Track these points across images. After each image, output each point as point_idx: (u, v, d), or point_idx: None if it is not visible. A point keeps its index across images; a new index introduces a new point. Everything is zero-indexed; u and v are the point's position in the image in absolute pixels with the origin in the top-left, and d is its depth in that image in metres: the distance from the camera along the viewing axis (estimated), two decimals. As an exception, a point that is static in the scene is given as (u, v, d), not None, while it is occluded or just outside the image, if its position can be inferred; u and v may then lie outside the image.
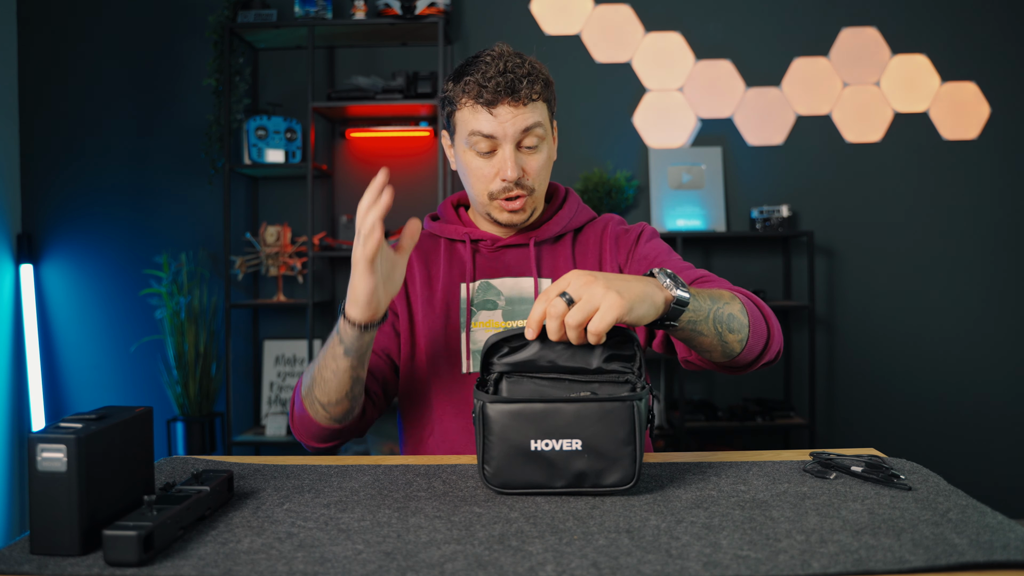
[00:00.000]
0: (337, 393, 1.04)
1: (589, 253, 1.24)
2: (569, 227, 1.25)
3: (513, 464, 0.82)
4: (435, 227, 1.27)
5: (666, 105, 3.13)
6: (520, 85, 1.11)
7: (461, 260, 1.24)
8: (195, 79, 3.12)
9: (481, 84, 1.11)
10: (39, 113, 3.16)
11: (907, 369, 3.11)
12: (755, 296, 1.06)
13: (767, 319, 1.04)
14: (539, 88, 1.13)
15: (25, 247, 3.11)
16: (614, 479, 0.82)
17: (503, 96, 1.11)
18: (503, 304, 1.20)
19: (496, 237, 1.23)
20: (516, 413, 0.82)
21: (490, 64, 1.12)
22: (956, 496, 0.80)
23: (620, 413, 0.81)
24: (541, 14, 3.14)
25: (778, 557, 0.64)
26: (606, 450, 0.81)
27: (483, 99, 1.11)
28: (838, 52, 3.10)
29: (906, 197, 3.11)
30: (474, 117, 1.13)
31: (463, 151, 1.17)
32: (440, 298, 1.21)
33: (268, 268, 3.00)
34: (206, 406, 2.99)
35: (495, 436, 0.82)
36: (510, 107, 1.11)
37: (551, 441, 0.82)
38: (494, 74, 1.11)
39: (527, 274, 1.21)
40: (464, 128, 1.15)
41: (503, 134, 1.12)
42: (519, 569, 0.62)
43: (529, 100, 1.12)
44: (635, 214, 3.13)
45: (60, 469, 0.65)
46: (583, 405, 0.81)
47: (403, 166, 3.16)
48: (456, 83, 1.15)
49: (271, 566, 0.64)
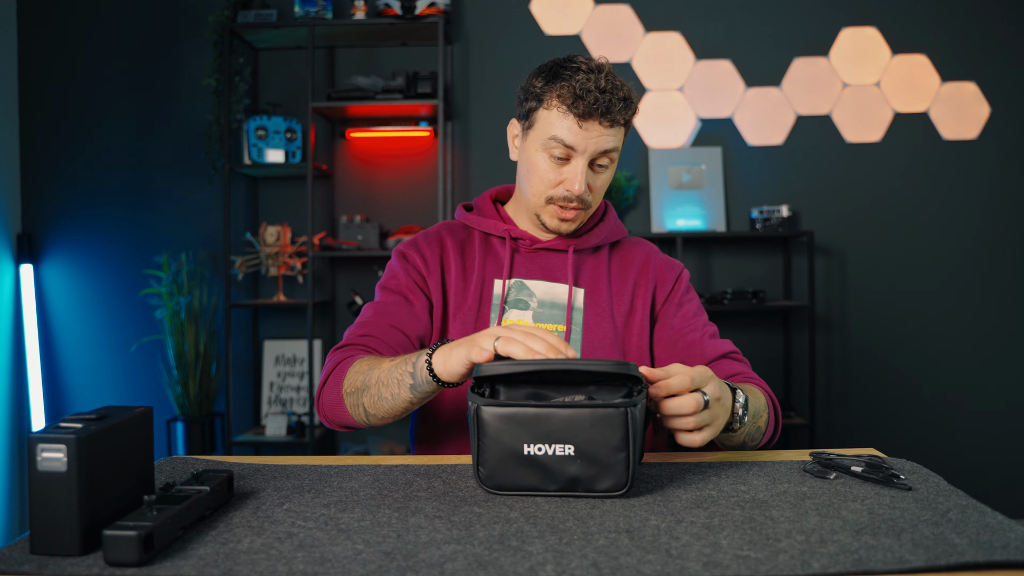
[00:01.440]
0: (387, 412, 1.04)
1: (627, 273, 1.26)
2: (607, 240, 1.27)
3: (507, 467, 0.82)
4: (471, 219, 1.27)
5: (666, 105, 3.13)
6: (615, 108, 1.11)
7: (497, 256, 1.24)
8: (195, 79, 3.12)
9: (578, 94, 1.10)
10: (39, 113, 3.16)
11: (907, 369, 3.11)
12: (768, 389, 1.15)
13: (777, 418, 1.14)
14: (629, 115, 1.15)
15: (25, 247, 3.11)
16: (607, 485, 0.81)
17: (596, 113, 1.11)
18: (535, 306, 1.21)
19: (535, 238, 1.24)
20: (509, 417, 0.82)
21: (589, 76, 1.11)
22: (956, 496, 0.80)
23: (613, 419, 0.80)
24: (541, 14, 3.14)
25: (778, 557, 0.64)
26: (598, 456, 0.81)
27: (577, 109, 1.10)
28: (838, 52, 3.10)
29: (906, 197, 3.11)
30: (561, 123, 1.12)
31: (535, 149, 1.17)
32: (473, 291, 1.21)
33: (268, 268, 3.00)
34: (206, 406, 2.99)
35: (489, 439, 0.82)
36: (599, 126, 1.12)
37: (544, 446, 0.81)
38: (593, 88, 1.10)
39: (562, 280, 1.23)
40: (546, 129, 1.14)
41: (583, 149, 1.13)
42: (519, 569, 0.62)
43: (617, 124, 1.13)
44: (635, 214, 3.13)
45: (60, 469, 0.65)
46: (576, 411, 0.81)
47: (403, 166, 3.16)
48: (550, 82, 1.13)
49: (271, 566, 0.64)
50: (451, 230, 1.28)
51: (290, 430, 2.96)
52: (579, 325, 1.21)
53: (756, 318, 3.15)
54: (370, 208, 3.16)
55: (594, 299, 1.22)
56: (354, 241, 2.98)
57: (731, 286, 3.11)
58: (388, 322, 1.17)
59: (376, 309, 1.20)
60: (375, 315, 1.19)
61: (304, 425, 2.96)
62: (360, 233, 2.99)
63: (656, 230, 3.03)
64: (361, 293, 3.02)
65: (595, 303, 1.22)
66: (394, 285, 1.22)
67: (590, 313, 1.21)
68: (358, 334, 1.16)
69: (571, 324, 1.20)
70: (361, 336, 1.15)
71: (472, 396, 0.84)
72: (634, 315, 1.24)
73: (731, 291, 2.93)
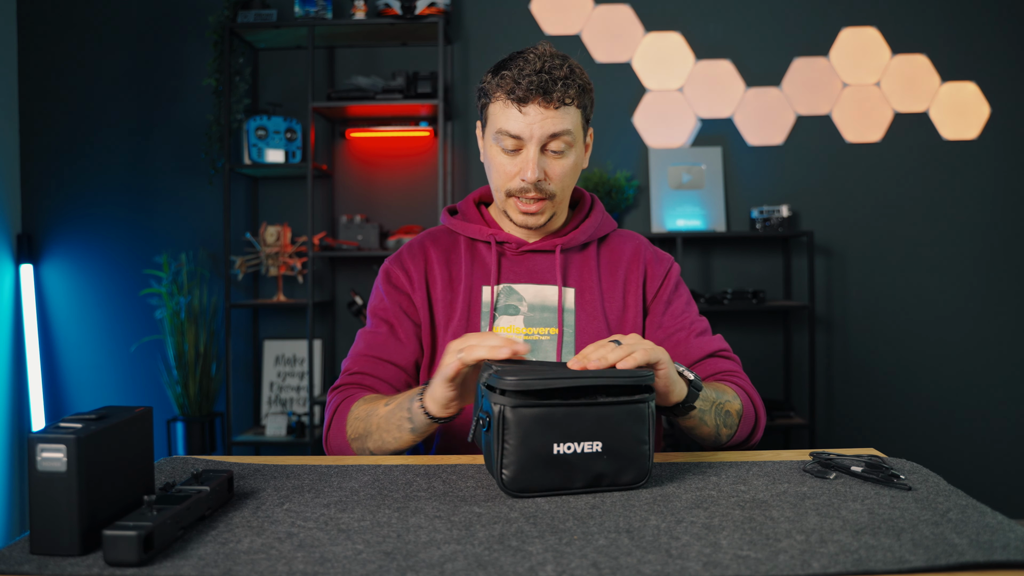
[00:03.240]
0: (394, 450, 1.07)
1: (617, 269, 1.24)
2: (594, 236, 1.25)
3: (533, 468, 0.81)
4: (455, 224, 1.26)
5: (666, 105, 3.13)
6: (554, 87, 1.09)
7: (484, 262, 1.23)
8: (195, 79, 3.12)
9: (516, 80, 1.09)
10: (39, 113, 3.16)
11: (907, 369, 3.11)
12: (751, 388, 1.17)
13: (757, 413, 1.14)
14: (573, 93, 1.11)
15: (25, 247, 3.11)
16: (630, 477, 0.84)
17: (535, 95, 1.09)
18: (525, 310, 1.19)
19: (521, 240, 1.22)
20: (540, 417, 0.80)
21: (529, 61, 1.10)
22: (956, 496, 0.80)
23: (640, 413, 0.83)
24: (541, 14, 3.14)
25: (778, 557, 0.64)
26: (624, 450, 0.82)
27: (515, 96, 1.10)
28: (838, 52, 3.10)
29: (906, 197, 3.11)
30: (504, 113, 1.12)
31: (490, 144, 1.16)
32: (462, 300, 1.20)
33: (268, 268, 3.00)
34: (206, 406, 2.99)
35: (516, 441, 0.80)
36: (540, 108, 1.10)
37: (573, 444, 0.81)
38: (530, 72, 1.09)
39: (551, 281, 1.21)
40: (494, 123, 1.14)
41: (529, 135, 1.11)
42: (519, 569, 0.62)
43: (561, 104, 1.10)
44: (635, 214, 3.13)
45: (60, 469, 0.65)
46: (605, 407, 0.82)
47: (403, 166, 3.16)
48: (494, 75, 1.14)
49: (271, 566, 0.64)
50: (435, 239, 1.26)
51: (290, 430, 2.96)
52: (571, 327, 1.19)
53: (756, 318, 3.15)
54: (370, 208, 3.16)
55: (585, 298, 1.21)
56: (354, 241, 2.98)
57: (731, 286, 3.11)
58: (378, 356, 1.19)
59: (367, 341, 1.21)
60: (366, 348, 1.20)
61: (304, 425, 2.96)
62: (360, 233, 2.99)
63: (656, 230, 3.03)
64: (361, 293, 3.02)
65: (586, 302, 1.20)
66: (381, 312, 1.22)
67: (582, 313, 1.20)
68: (352, 372, 1.18)
69: (563, 326, 1.19)
70: (355, 375, 1.18)
71: (494, 398, 0.82)
72: (627, 311, 1.22)
73: (731, 291, 2.93)
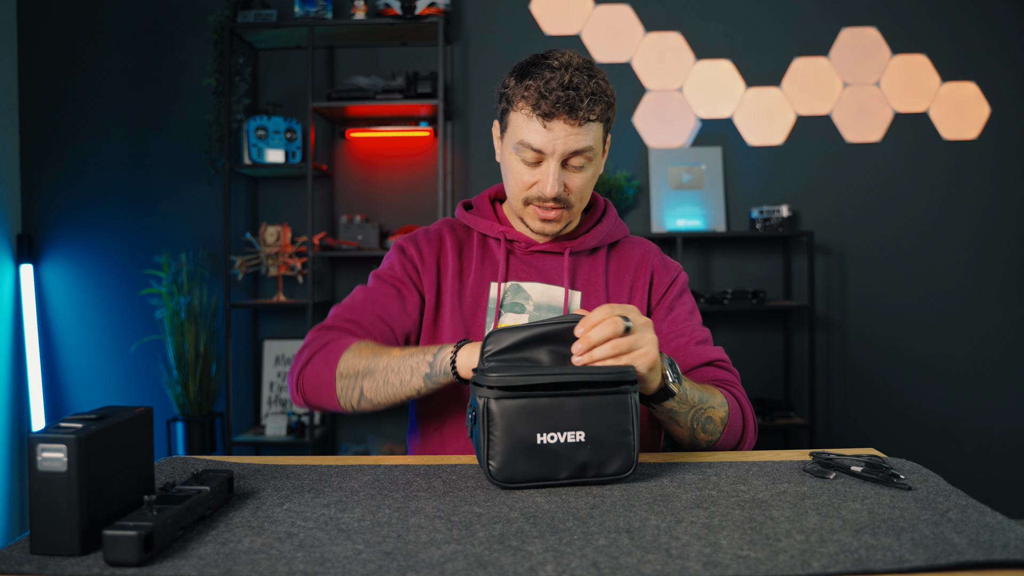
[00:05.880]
0: (386, 398, 1.04)
1: (624, 274, 1.24)
2: (605, 241, 1.25)
3: (518, 459, 0.83)
4: (469, 219, 1.26)
5: (666, 105, 3.13)
6: (580, 104, 1.06)
7: (494, 258, 1.23)
8: (195, 79, 3.12)
9: (542, 94, 1.06)
10: (39, 113, 3.16)
11: (907, 369, 3.11)
12: (746, 400, 1.13)
13: (745, 425, 1.11)
14: (599, 110, 1.09)
15: (25, 247, 3.11)
16: (615, 467, 0.85)
17: (560, 111, 1.06)
18: (531, 309, 1.19)
19: (531, 240, 1.22)
20: (522, 408, 0.83)
21: (555, 73, 1.07)
22: (956, 496, 0.80)
23: (622, 403, 0.84)
24: (541, 14, 3.14)
25: (778, 557, 0.64)
26: (607, 440, 0.84)
27: (540, 110, 1.06)
28: (838, 52, 3.10)
29: (906, 197, 3.11)
30: (527, 126, 1.09)
31: (509, 152, 1.14)
32: (469, 293, 1.20)
33: (268, 268, 3.00)
34: (206, 406, 2.99)
35: (500, 432, 0.83)
36: (565, 124, 1.07)
37: (556, 434, 0.83)
38: (557, 86, 1.06)
39: (559, 283, 1.21)
40: (515, 132, 1.12)
41: (552, 151, 1.09)
42: (519, 569, 0.62)
43: (586, 121, 1.08)
44: (635, 214, 3.13)
45: (60, 469, 0.65)
46: (587, 398, 0.84)
47: (403, 166, 3.16)
48: (518, 82, 1.10)
49: (271, 566, 0.64)
50: (452, 228, 1.27)
51: (290, 430, 2.96)
52: None
53: (756, 318, 3.15)
54: (370, 208, 3.16)
55: (591, 302, 1.20)
56: (354, 241, 2.98)
57: (731, 286, 3.11)
58: (376, 312, 1.16)
59: (367, 295, 1.18)
60: (365, 301, 1.17)
61: (304, 425, 2.96)
62: (360, 233, 2.99)
63: (656, 230, 3.03)
64: (361, 293, 3.02)
65: (592, 306, 1.20)
66: (388, 276, 1.20)
67: None
68: (345, 317, 1.14)
69: None
70: (347, 321, 1.14)
71: (478, 391, 0.85)
72: None
73: (731, 291, 2.93)
